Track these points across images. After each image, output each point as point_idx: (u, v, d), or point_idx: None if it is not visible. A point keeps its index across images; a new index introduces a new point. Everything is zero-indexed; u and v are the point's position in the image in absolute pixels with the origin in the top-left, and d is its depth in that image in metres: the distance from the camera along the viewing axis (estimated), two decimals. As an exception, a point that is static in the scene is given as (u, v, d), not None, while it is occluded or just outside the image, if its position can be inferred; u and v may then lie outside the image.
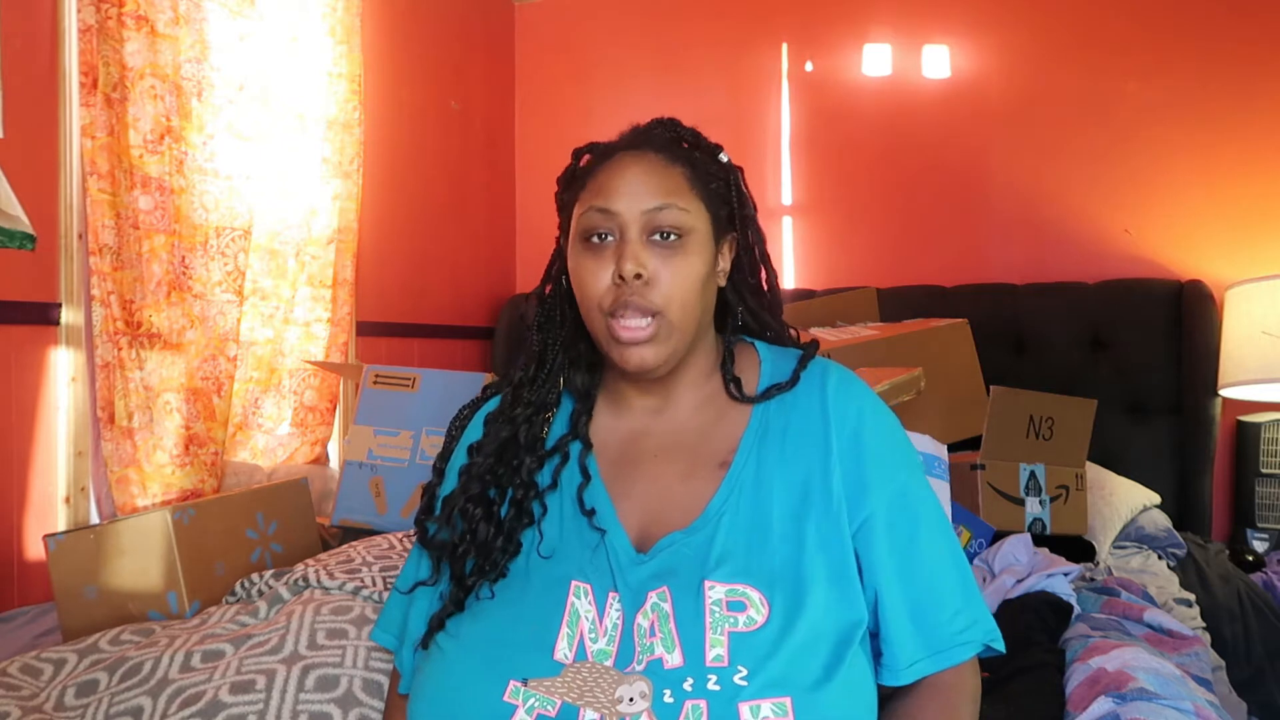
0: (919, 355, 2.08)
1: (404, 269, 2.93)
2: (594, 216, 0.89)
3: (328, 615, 1.22)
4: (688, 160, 0.92)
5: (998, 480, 1.95)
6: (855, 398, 0.91)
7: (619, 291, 0.86)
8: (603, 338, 0.89)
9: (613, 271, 0.87)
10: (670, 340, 0.88)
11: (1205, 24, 2.63)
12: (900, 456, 0.91)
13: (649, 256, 0.87)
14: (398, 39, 2.88)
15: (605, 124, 0.99)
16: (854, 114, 3.04)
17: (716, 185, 0.94)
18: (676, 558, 0.84)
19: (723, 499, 0.87)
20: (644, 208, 0.88)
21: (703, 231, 0.90)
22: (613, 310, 0.87)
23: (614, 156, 0.92)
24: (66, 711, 1.13)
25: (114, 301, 1.93)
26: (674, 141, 0.94)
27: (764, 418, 0.92)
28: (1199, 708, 1.05)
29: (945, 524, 0.90)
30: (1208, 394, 2.46)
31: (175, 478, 2.02)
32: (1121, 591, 1.61)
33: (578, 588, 0.84)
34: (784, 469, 0.88)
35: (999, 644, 0.88)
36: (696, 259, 0.89)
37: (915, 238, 2.96)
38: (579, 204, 0.92)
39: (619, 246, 0.88)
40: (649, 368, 0.88)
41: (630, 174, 0.89)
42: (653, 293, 0.86)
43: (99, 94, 1.90)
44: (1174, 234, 2.66)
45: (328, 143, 2.49)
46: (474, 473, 0.93)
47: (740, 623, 0.79)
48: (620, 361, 0.88)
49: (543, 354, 0.97)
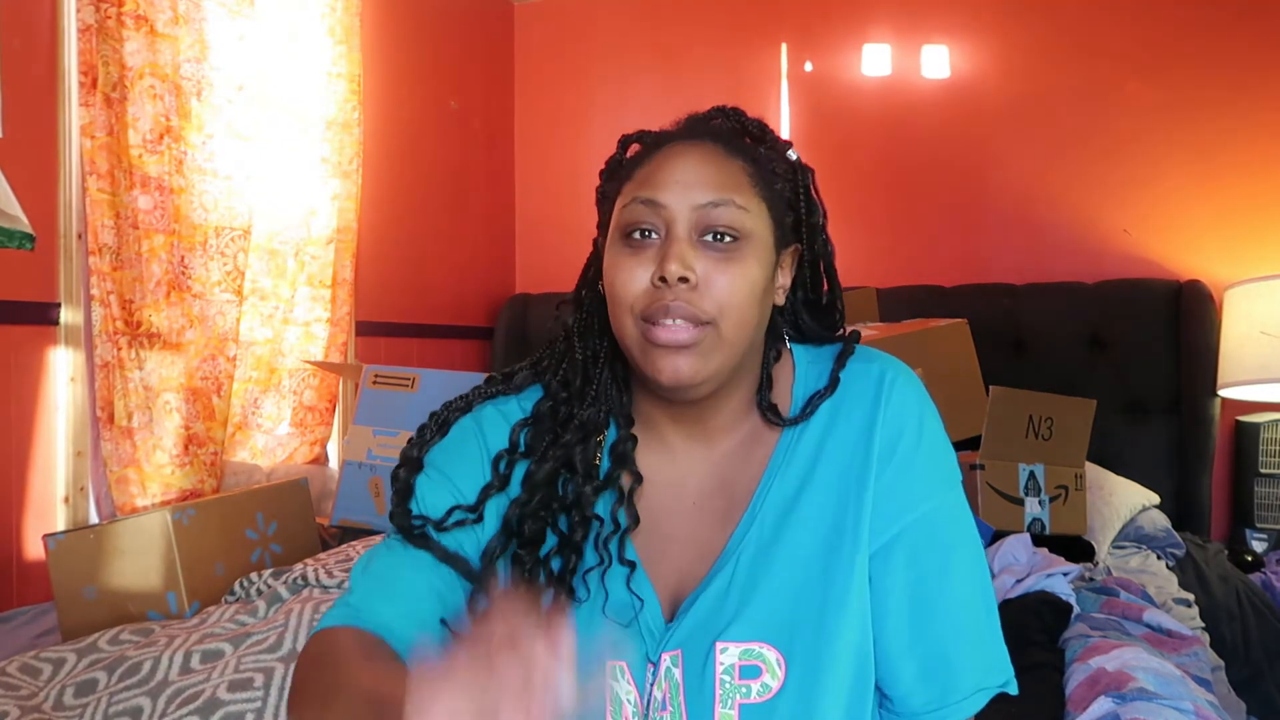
0: (918, 355, 2.07)
1: (403, 269, 2.93)
2: (637, 209, 0.76)
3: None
4: (751, 155, 0.79)
5: (997, 480, 1.95)
6: (914, 404, 0.79)
7: (657, 294, 0.73)
8: (635, 344, 0.75)
9: (653, 273, 0.73)
10: (716, 356, 0.74)
11: (1205, 25, 2.63)
12: (943, 470, 0.79)
13: (698, 259, 0.73)
14: (397, 39, 2.88)
15: (605, 124, 0.92)
16: (854, 114, 3.04)
17: (782, 186, 0.80)
18: (693, 618, 0.75)
19: (738, 540, 0.77)
20: (696, 202, 0.74)
21: (763, 237, 0.76)
22: (649, 315, 0.73)
23: (666, 145, 0.79)
24: (65, 711, 1.13)
25: (113, 301, 1.93)
26: (737, 133, 0.81)
27: (796, 436, 0.79)
28: (1199, 708, 1.06)
29: (976, 552, 0.79)
30: (1207, 394, 2.46)
31: (175, 478, 2.02)
32: (1121, 591, 1.61)
33: (614, 668, 0.75)
34: (814, 494, 0.77)
35: (1012, 686, 0.78)
36: (755, 266, 0.75)
37: (915, 238, 2.96)
38: (622, 196, 0.78)
39: (664, 245, 0.74)
40: (685, 382, 0.73)
41: (683, 163, 0.76)
42: (703, 300, 0.72)
43: (98, 94, 1.90)
44: (1173, 234, 2.66)
45: (327, 142, 2.49)
46: (526, 511, 0.79)
47: (753, 692, 0.72)
48: (653, 371, 0.74)
49: (587, 366, 0.83)
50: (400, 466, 0.81)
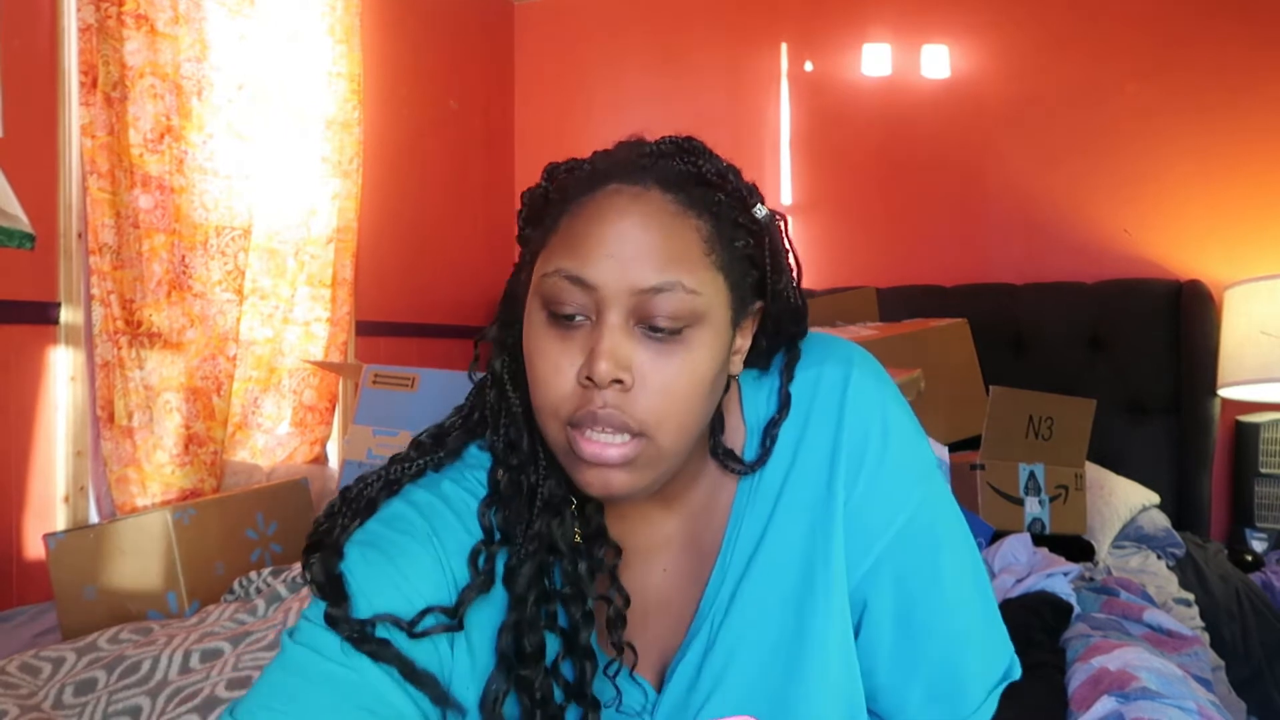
0: (918, 355, 2.07)
1: (403, 268, 2.93)
2: (563, 286, 0.62)
3: (327, 614, 1.21)
4: (709, 209, 0.64)
5: (997, 480, 1.95)
6: (874, 403, 0.70)
7: (585, 397, 0.61)
8: (560, 450, 0.64)
9: (580, 369, 0.62)
10: (652, 469, 0.63)
11: (1204, 24, 2.63)
12: (917, 467, 0.71)
13: (635, 351, 0.61)
14: (397, 38, 2.88)
15: (605, 124, 0.82)
16: (853, 114, 3.04)
17: (744, 243, 0.66)
18: (673, 694, 0.69)
19: (710, 599, 0.69)
20: (636, 285, 0.61)
21: (717, 316, 0.64)
22: (575, 421, 0.62)
23: (603, 188, 0.64)
24: (65, 710, 1.13)
25: (114, 301, 1.93)
26: (690, 179, 0.65)
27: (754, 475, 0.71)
28: (1202, 707, 1.06)
29: (967, 545, 0.72)
30: (1206, 394, 2.46)
31: (175, 477, 2.02)
32: (1121, 591, 1.61)
33: None
34: (783, 528, 0.69)
35: (1016, 670, 0.73)
36: (704, 357, 0.63)
37: (914, 237, 2.96)
38: (545, 253, 0.66)
39: (594, 333, 0.62)
40: (618, 496, 0.64)
41: (621, 228, 0.62)
42: (634, 405, 0.61)
43: (99, 93, 1.90)
44: (1173, 234, 2.66)
45: (327, 142, 2.49)
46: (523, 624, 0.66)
47: None
48: (582, 485, 0.64)
49: (531, 422, 0.68)
50: (311, 554, 0.64)
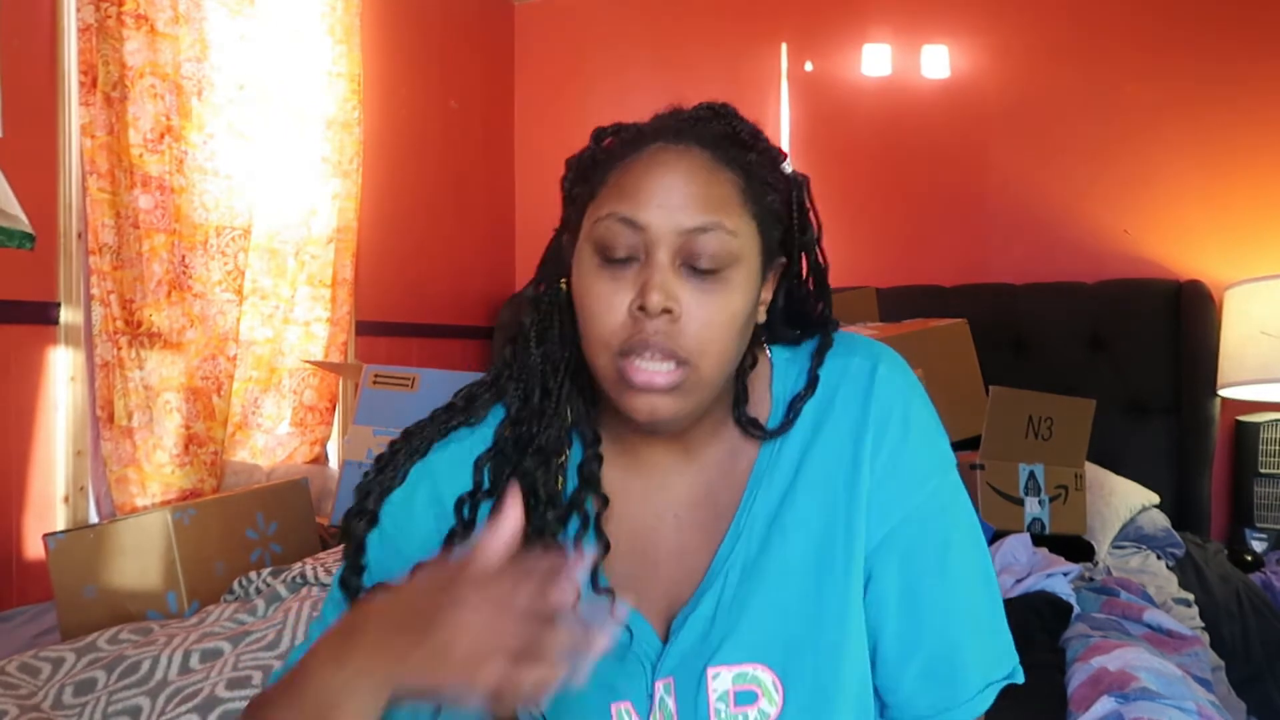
0: (918, 355, 2.07)
1: (403, 268, 2.93)
2: (616, 228, 0.69)
3: (327, 614, 1.21)
4: (742, 165, 0.71)
5: (997, 480, 1.95)
6: (899, 393, 0.75)
7: (636, 327, 0.67)
8: (609, 380, 0.70)
9: (632, 301, 0.68)
10: (694, 395, 0.69)
11: (1204, 25, 2.63)
12: (936, 456, 0.76)
13: (680, 287, 0.68)
14: (397, 38, 2.88)
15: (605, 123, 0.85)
16: (853, 114, 3.04)
17: (773, 199, 0.73)
18: (684, 642, 0.72)
19: (724, 556, 0.73)
20: (682, 226, 0.68)
21: (751, 261, 0.71)
22: (626, 348, 0.67)
23: (648, 148, 0.72)
24: (65, 710, 1.13)
25: (114, 301, 1.93)
26: (727, 138, 0.72)
27: (777, 442, 0.75)
28: (1201, 707, 1.06)
29: (976, 539, 0.76)
30: (1206, 394, 2.46)
31: (175, 477, 2.02)
32: (1121, 591, 1.61)
33: (619, 709, 0.72)
34: (802, 503, 0.73)
35: (1019, 675, 0.75)
36: (740, 296, 0.69)
37: (914, 238, 2.96)
38: (596, 203, 0.72)
39: (644, 271, 0.68)
40: (662, 421, 0.69)
41: (668, 177, 0.69)
42: (681, 335, 0.67)
43: (99, 93, 1.90)
44: (1173, 234, 2.66)
45: (327, 142, 2.49)
46: None
47: (751, 718, 0.69)
48: (629, 410, 0.69)
49: (546, 376, 0.75)
50: (354, 516, 0.72)
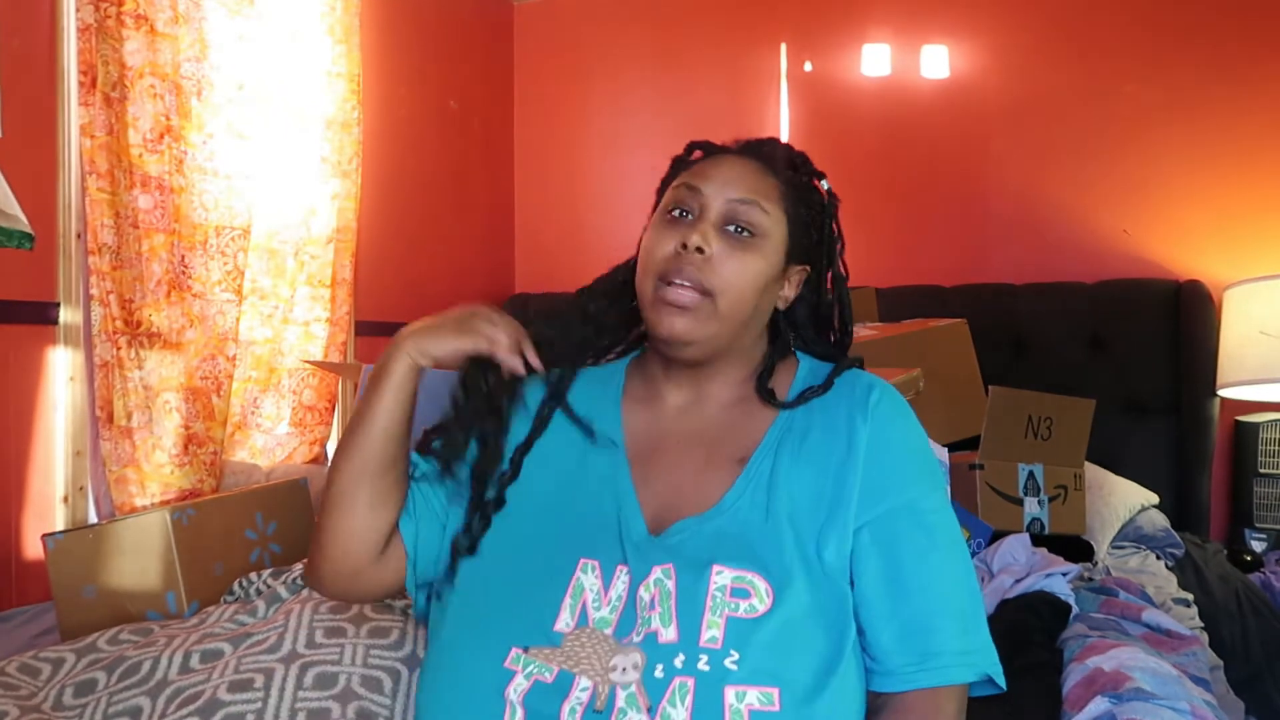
0: (918, 355, 2.07)
1: (403, 268, 2.93)
2: (681, 192, 0.92)
3: (326, 613, 1.21)
4: (785, 177, 0.94)
5: (996, 480, 1.95)
6: (895, 409, 0.91)
7: (676, 260, 0.88)
8: (648, 301, 0.91)
9: (677, 241, 0.89)
10: (710, 324, 0.89)
11: (1204, 25, 2.63)
12: (925, 472, 0.90)
13: (718, 241, 0.89)
14: (397, 38, 2.88)
15: (605, 124, 1.00)
16: (853, 114, 3.04)
17: (807, 212, 0.95)
18: (687, 542, 0.85)
19: (739, 491, 0.88)
20: (729, 197, 0.90)
21: (777, 241, 0.92)
22: (665, 275, 0.88)
23: (712, 156, 0.96)
24: (65, 711, 1.13)
25: (113, 301, 1.93)
26: (782, 158, 0.96)
27: (789, 419, 0.92)
28: (1195, 707, 1.06)
29: (958, 549, 0.88)
30: (1206, 394, 2.46)
31: (174, 477, 2.02)
32: (1120, 591, 1.61)
33: (585, 564, 0.85)
34: (802, 469, 0.88)
35: (1000, 679, 0.85)
36: (763, 261, 0.90)
37: (914, 238, 2.96)
38: (672, 182, 0.95)
39: (693, 223, 0.90)
40: (679, 338, 0.89)
41: (727, 167, 0.93)
42: (711, 273, 0.88)
43: (98, 93, 1.90)
44: (1172, 234, 2.66)
45: (327, 142, 2.49)
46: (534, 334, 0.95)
47: (741, 609, 0.79)
48: (654, 325, 0.90)
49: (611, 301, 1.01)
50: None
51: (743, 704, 0.75)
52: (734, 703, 0.75)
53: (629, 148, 3.27)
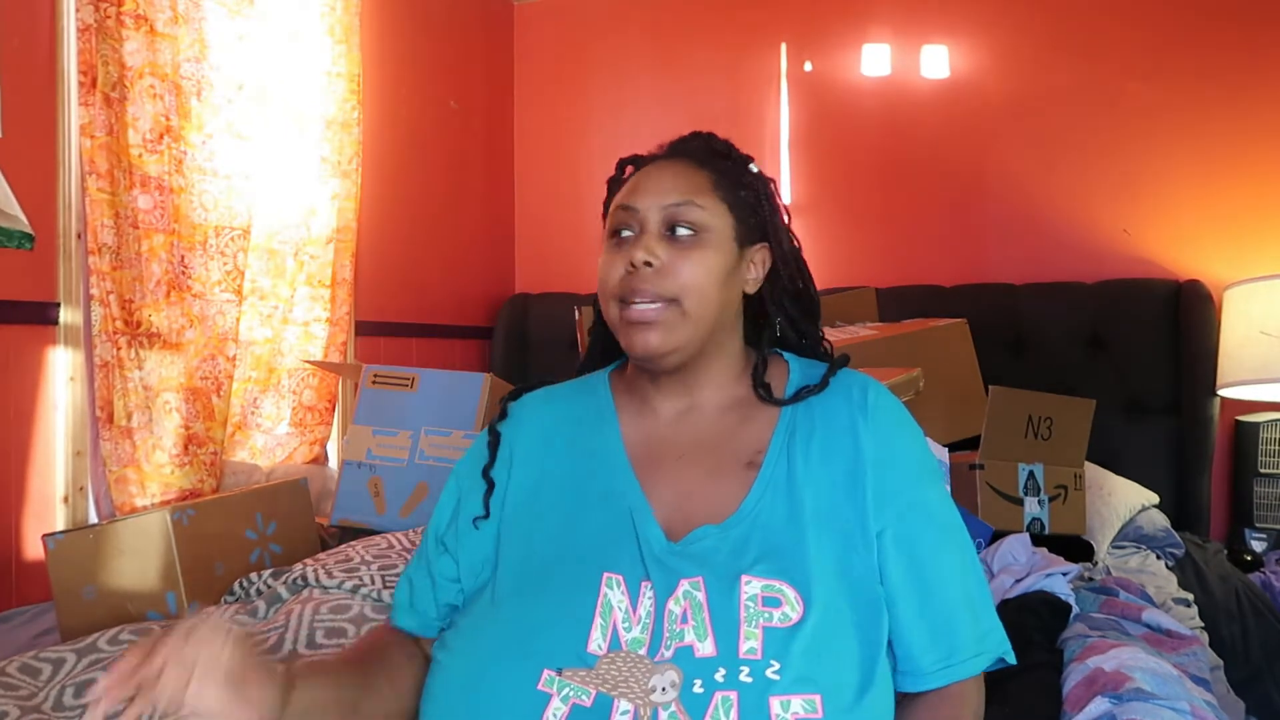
0: (918, 355, 2.07)
1: (403, 268, 2.92)
2: (619, 214, 0.93)
3: (326, 614, 1.22)
4: (715, 167, 0.95)
5: (996, 480, 1.95)
6: (892, 409, 0.93)
7: (630, 279, 0.89)
8: (615, 324, 0.92)
9: (626, 261, 0.89)
10: (682, 329, 0.89)
11: (1204, 25, 2.63)
12: (926, 468, 0.92)
13: (663, 248, 0.89)
14: (397, 38, 2.88)
15: (605, 124, 1.00)
16: (853, 114, 3.04)
17: (746, 194, 0.96)
18: (710, 551, 0.84)
19: (757, 497, 0.87)
20: (664, 202, 0.91)
21: (722, 231, 0.92)
22: (623, 296, 0.89)
23: (648, 164, 0.97)
24: (65, 711, 1.13)
25: (113, 301, 1.93)
26: (706, 151, 0.97)
27: (792, 420, 0.92)
28: (1195, 708, 1.06)
29: (963, 538, 0.90)
30: (1206, 394, 2.46)
31: (174, 477, 2.02)
32: (1120, 591, 1.61)
33: (610, 579, 0.83)
34: (815, 471, 0.88)
35: (1010, 656, 0.88)
36: (714, 254, 0.91)
37: (914, 238, 2.96)
38: (611, 205, 0.97)
39: (636, 240, 0.91)
40: (655, 352, 0.89)
41: (657, 176, 0.94)
42: (666, 281, 0.88)
43: (98, 93, 1.90)
44: (1172, 234, 2.66)
45: (327, 142, 2.49)
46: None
47: (775, 618, 0.79)
48: (628, 346, 0.91)
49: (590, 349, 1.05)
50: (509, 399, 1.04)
51: (788, 713, 0.75)
52: (780, 712, 0.74)
53: (629, 148, 3.19)
